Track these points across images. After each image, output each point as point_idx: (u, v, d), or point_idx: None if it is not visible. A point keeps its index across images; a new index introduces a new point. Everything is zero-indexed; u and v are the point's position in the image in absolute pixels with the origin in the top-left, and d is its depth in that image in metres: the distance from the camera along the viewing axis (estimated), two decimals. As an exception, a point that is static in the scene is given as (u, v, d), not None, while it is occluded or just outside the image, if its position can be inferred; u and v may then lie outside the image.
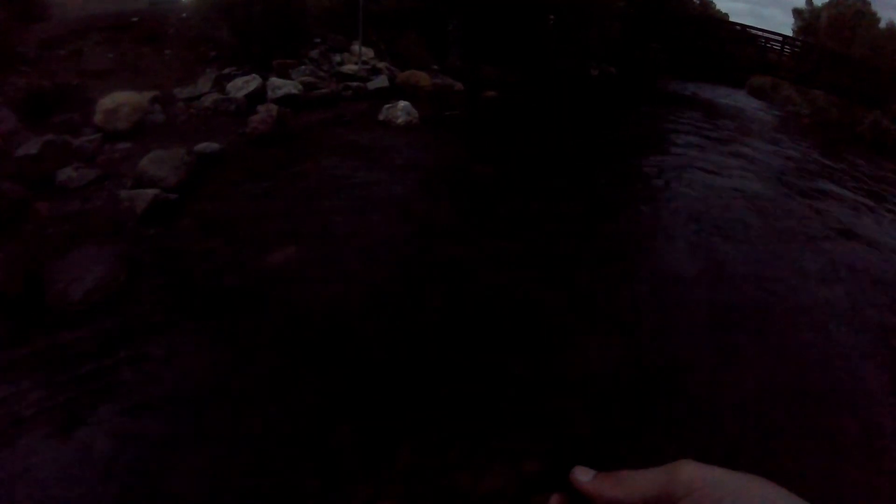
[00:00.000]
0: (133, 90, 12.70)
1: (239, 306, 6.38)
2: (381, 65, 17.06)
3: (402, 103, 13.49)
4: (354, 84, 15.57)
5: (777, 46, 27.96)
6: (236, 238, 7.99)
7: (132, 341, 5.71)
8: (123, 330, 5.89)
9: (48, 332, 5.80)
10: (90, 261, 6.84)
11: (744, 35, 28.92)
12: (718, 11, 34.58)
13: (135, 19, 17.98)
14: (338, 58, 17.02)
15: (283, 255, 7.46)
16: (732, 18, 34.05)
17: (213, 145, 10.93)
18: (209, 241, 7.88)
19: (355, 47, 17.21)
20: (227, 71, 14.80)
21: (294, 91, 14.11)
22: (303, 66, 15.77)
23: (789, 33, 29.75)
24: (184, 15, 18.89)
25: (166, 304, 6.39)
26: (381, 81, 15.85)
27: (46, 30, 16.53)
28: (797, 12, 30.70)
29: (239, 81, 14.11)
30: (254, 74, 14.24)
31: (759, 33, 28.39)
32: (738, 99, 23.53)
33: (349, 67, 16.33)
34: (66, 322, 6.01)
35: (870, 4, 28.77)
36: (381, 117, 13.33)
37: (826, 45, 27.10)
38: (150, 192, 8.87)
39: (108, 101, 11.93)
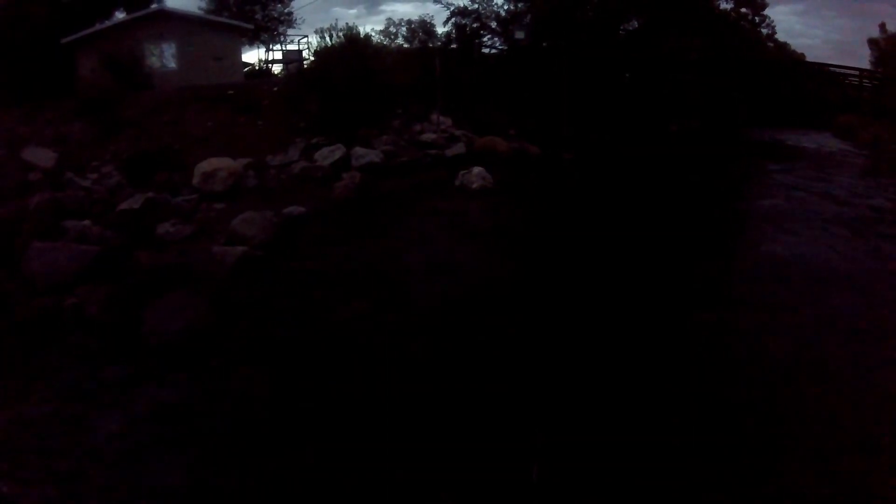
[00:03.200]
0: (229, 156, 13.65)
1: (310, 351, 6.81)
2: (458, 132, 17.66)
3: (476, 169, 13.93)
4: (433, 151, 16.17)
5: (855, 81, 26.91)
6: (314, 292, 8.45)
7: (212, 374, 6.27)
8: (205, 364, 6.45)
9: (138, 359, 6.47)
10: (182, 305, 7.45)
11: (821, 74, 28.05)
12: (794, 52, 33.07)
13: (231, 92, 19.32)
14: (418, 127, 17.75)
15: (354, 308, 7.83)
16: (809, 55, 32.36)
17: (299, 209, 11.58)
18: (289, 294, 8.37)
19: (434, 116, 17.93)
20: (314, 140, 15.66)
21: (376, 159, 14.79)
22: (384, 136, 16.51)
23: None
24: (275, 89, 20.17)
25: (247, 346, 6.91)
26: (458, 148, 16.39)
27: (151, 98, 17.92)
28: (873, 43, 29.53)
29: (325, 151, 14.91)
30: (339, 144, 15.02)
31: (837, 70, 27.34)
32: (824, 142, 22.56)
33: (428, 136, 16.99)
34: (156, 353, 6.65)
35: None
36: (457, 183, 13.78)
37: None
38: (240, 248, 9.50)
39: (205, 165, 12.88)
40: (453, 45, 25.56)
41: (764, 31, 30.14)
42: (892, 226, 11.82)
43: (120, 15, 25.94)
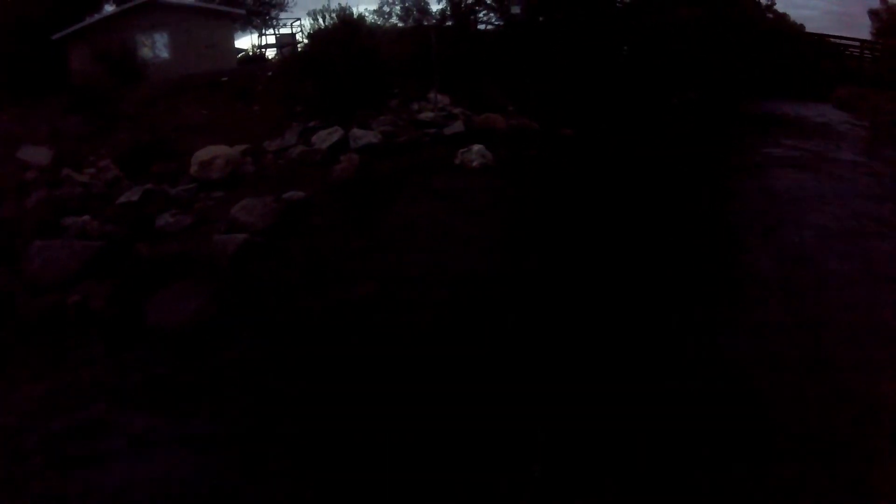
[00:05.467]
0: (226, 143, 13.54)
1: (316, 337, 6.76)
2: (456, 110, 17.47)
3: (476, 147, 13.75)
4: (432, 130, 15.98)
5: (856, 52, 26.78)
6: (318, 277, 8.37)
7: (216, 365, 6.23)
8: (209, 355, 6.44)
9: (144, 353, 6.50)
10: (185, 295, 7.44)
11: (822, 45, 27.85)
12: (794, 23, 32.56)
13: (225, 79, 19.20)
14: (415, 106, 17.59)
15: (361, 291, 7.74)
16: (808, 26, 31.90)
17: (299, 193, 11.44)
18: (292, 280, 8.30)
19: (432, 95, 17.76)
20: (311, 124, 15.53)
21: (374, 140, 14.64)
22: (382, 117, 16.36)
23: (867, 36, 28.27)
24: (270, 74, 20.03)
25: (250, 335, 6.87)
26: (457, 126, 16.18)
27: (145, 90, 17.84)
28: (873, 14, 29.20)
29: (323, 133, 14.76)
30: (336, 126, 14.86)
31: (837, 41, 27.24)
32: (824, 113, 22.40)
33: (426, 115, 16.82)
34: (161, 345, 6.67)
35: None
36: (456, 161, 13.60)
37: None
38: (241, 236, 9.40)
39: (202, 154, 12.77)
40: (448, 23, 25.29)
41: (763, 1, 29.75)
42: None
43: (110, 7, 25.78)
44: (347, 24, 17.83)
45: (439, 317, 7.05)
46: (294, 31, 28.83)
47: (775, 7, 30.45)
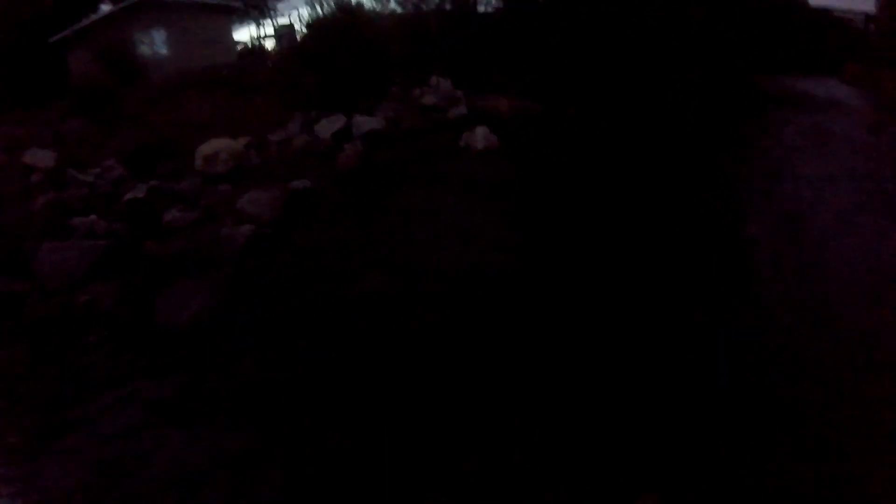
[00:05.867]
0: (229, 137, 13.50)
1: (323, 329, 6.76)
2: (459, 94, 17.32)
3: (479, 130, 13.66)
4: (435, 115, 15.89)
5: (860, 26, 26.56)
6: (325, 268, 8.33)
7: (225, 359, 6.27)
8: (218, 350, 6.49)
9: (152, 353, 6.54)
10: (194, 290, 7.43)
11: (825, 19, 27.69)
12: None
13: (225, 72, 19.16)
14: (417, 91, 17.46)
15: (367, 283, 7.68)
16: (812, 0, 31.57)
17: (304, 183, 11.41)
18: (299, 272, 8.28)
19: (433, 79, 17.63)
20: (313, 114, 15.44)
21: (378, 127, 14.57)
22: (385, 103, 16.26)
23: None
24: (269, 65, 19.99)
25: (258, 328, 6.88)
26: (460, 110, 16.09)
27: (146, 88, 17.83)
28: None
29: (325, 122, 14.70)
30: (339, 114, 14.78)
31: (841, 14, 27.04)
32: (831, 88, 22.11)
33: (429, 99, 16.70)
34: (169, 342, 6.70)
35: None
36: (461, 144, 13.55)
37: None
38: (247, 228, 9.39)
39: (206, 148, 12.74)
40: (448, 6, 25.11)
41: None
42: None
43: (106, 7, 25.71)
44: (345, 11, 17.73)
45: (447, 310, 6.97)
46: (292, 20, 28.78)
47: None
